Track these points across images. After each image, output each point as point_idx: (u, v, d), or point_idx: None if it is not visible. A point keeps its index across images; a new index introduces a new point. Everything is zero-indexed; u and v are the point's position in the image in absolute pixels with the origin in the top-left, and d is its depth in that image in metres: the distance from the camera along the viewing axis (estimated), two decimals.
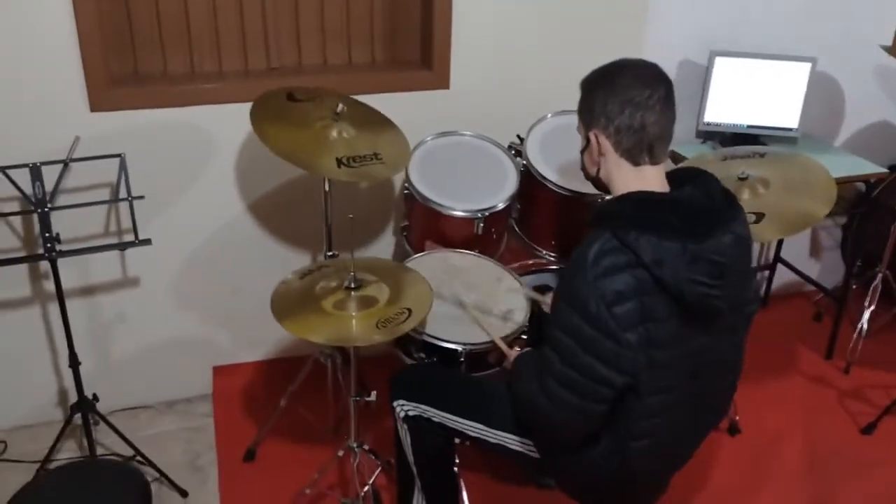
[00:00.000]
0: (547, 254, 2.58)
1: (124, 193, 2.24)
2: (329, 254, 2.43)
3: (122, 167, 2.21)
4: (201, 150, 2.59)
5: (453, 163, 2.55)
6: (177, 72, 2.58)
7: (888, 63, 3.20)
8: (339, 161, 2.12)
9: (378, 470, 2.39)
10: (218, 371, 2.94)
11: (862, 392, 3.05)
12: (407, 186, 2.47)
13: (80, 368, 2.39)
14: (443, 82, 2.74)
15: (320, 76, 2.66)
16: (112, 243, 2.18)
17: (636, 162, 1.64)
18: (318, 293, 1.98)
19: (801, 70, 2.88)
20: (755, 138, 2.97)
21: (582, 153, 1.74)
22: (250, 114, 2.15)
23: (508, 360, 2.05)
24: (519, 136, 2.63)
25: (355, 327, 1.91)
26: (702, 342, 1.62)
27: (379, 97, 2.62)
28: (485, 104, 2.79)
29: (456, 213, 2.40)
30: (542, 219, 2.58)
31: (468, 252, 2.44)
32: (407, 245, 2.59)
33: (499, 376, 2.16)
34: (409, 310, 1.93)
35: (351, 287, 1.97)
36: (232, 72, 2.62)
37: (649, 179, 1.65)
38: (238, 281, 2.80)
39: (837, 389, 3.06)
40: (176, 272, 2.73)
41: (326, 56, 2.72)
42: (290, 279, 2.08)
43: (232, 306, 2.84)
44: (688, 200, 1.59)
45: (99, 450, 2.58)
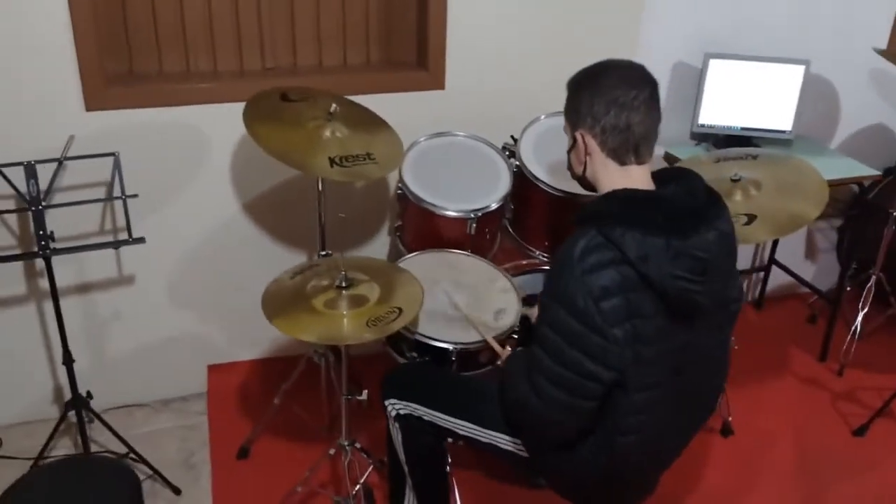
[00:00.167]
0: (540, 254, 2.59)
1: (118, 192, 2.25)
2: (322, 253, 2.44)
3: (117, 166, 2.22)
4: (196, 150, 2.61)
5: (447, 163, 2.56)
6: (172, 71, 2.59)
7: (883, 66, 3.21)
8: (332, 160, 2.14)
9: (370, 468, 2.40)
10: (213, 369, 2.95)
11: (855, 394, 3.05)
12: (400, 186, 2.48)
13: (76, 366, 2.40)
14: (438, 83, 2.75)
15: (315, 76, 2.68)
16: (106, 241, 2.19)
17: (622, 161, 1.66)
18: (310, 292, 1.99)
19: (795, 72, 2.89)
20: (749, 140, 2.99)
21: (568, 153, 1.76)
22: (243, 113, 2.16)
23: (501, 360, 2.07)
24: (513, 137, 2.65)
25: (346, 326, 1.92)
26: (687, 339, 1.63)
27: (374, 98, 2.64)
28: (480, 105, 2.80)
29: (449, 214, 2.41)
30: (536, 219, 2.60)
31: (461, 252, 2.45)
32: (400, 245, 2.60)
33: (490, 375, 2.17)
34: (400, 309, 1.94)
35: (342, 286, 1.98)
36: (227, 72, 2.64)
37: (635, 178, 1.66)
38: (233, 280, 2.81)
39: (830, 391, 3.07)
40: (171, 271, 2.74)
41: (322, 56, 2.73)
42: (282, 278, 2.09)
43: (227, 305, 2.85)
44: (672, 198, 1.60)
45: (93, 447, 2.59)
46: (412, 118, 2.68)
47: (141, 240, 2.23)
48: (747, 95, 2.94)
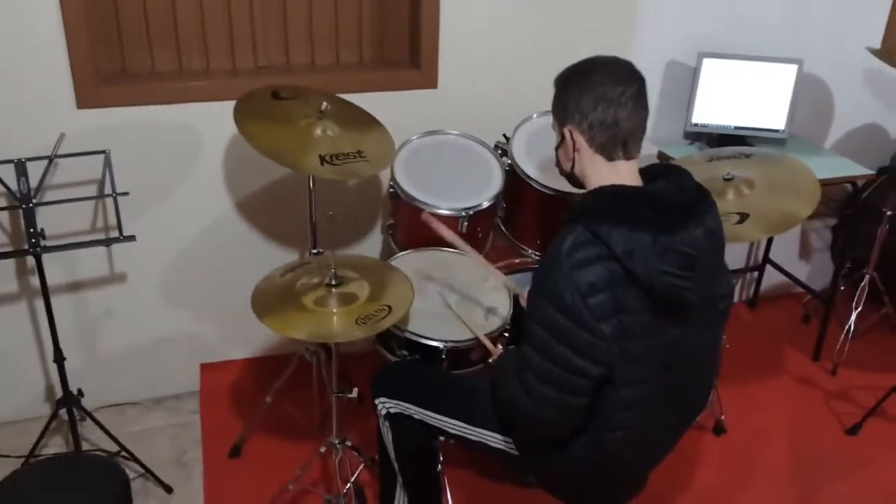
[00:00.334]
0: (533, 253, 2.59)
1: (110, 190, 2.25)
2: (314, 251, 2.44)
3: (107, 164, 2.22)
4: (189, 148, 2.61)
5: (438, 162, 2.56)
6: (164, 69, 2.59)
7: (877, 65, 3.21)
8: (323, 158, 2.13)
9: (361, 467, 2.40)
10: (206, 368, 2.95)
11: (848, 393, 3.05)
12: (392, 185, 2.48)
13: (68, 364, 2.40)
14: (430, 82, 2.75)
15: (308, 75, 2.68)
16: (96, 239, 2.19)
17: (610, 157, 1.66)
18: (299, 290, 1.99)
19: (788, 72, 2.89)
20: (742, 140, 2.98)
21: (557, 149, 1.76)
22: (234, 111, 2.16)
23: (493, 358, 2.07)
24: (505, 136, 2.65)
25: (336, 324, 1.92)
26: (675, 335, 1.62)
27: (367, 96, 2.64)
28: (472, 103, 2.80)
29: (440, 212, 2.41)
30: (528, 218, 2.60)
31: (453, 250, 2.45)
32: (392, 243, 2.60)
33: (481, 373, 2.17)
34: (389, 307, 1.94)
35: (332, 284, 1.98)
36: (219, 70, 2.64)
37: (623, 174, 1.66)
38: (226, 278, 2.81)
39: (824, 390, 3.07)
40: (163, 269, 2.74)
41: (315, 55, 2.73)
42: (272, 275, 2.09)
43: (219, 303, 2.85)
44: (660, 194, 1.60)
45: (85, 445, 2.60)
46: (405, 117, 2.69)
47: (131, 238, 2.22)
48: (741, 95, 2.94)
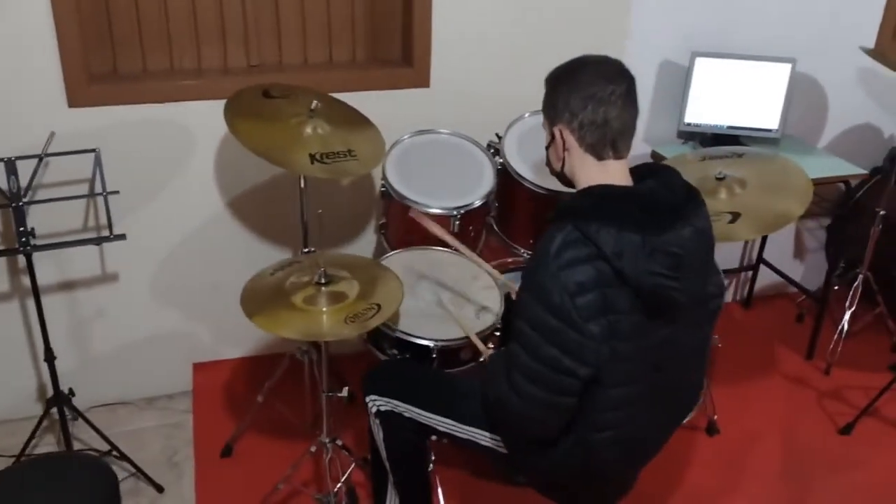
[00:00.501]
0: (525, 252, 2.59)
1: (100, 189, 2.25)
2: (305, 250, 2.44)
3: (98, 162, 2.22)
4: (181, 147, 2.60)
5: (430, 161, 2.56)
6: (156, 68, 2.58)
7: (871, 65, 3.21)
8: (313, 157, 2.13)
9: (352, 466, 2.40)
10: (198, 367, 2.94)
11: (841, 393, 3.05)
12: (384, 184, 2.48)
13: (60, 364, 2.39)
14: (423, 80, 2.75)
15: (301, 74, 2.67)
16: (86, 238, 2.19)
17: (600, 156, 1.65)
18: (289, 288, 1.99)
19: (782, 71, 2.89)
20: (736, 139, 2.98)
21: (547, 149, 1.76)
22: (224, 110, 2.16)
23: (484, 357, 2.06)
24: (498, 135, 2.64)
25: (325, 322, 1.92)
26: (665, 335, 1.62)
27: (359, 95, 2.64)
28: (465, 102, 2.80)
29: (432, 211, 2.40)
30: (521, 217, 2.59)
31: (444, 249, 2.45)
32: (385, 243, 2.60)
33: (472, 372, 2.17)
34: (379, 305, 1.94)
35: (321, 283, 1.97)
36: (211, 69, 2.63)
37: (613, 174, 1.66)
38: (218, 277, 2.80)
39: (817, 390, 3.07)
40: (156, 268, 2.73)
41: (307, 54, 2.72)
42: (262, 274, 2.08)
43: (212, 303, 2.84)
44: (649, 194, 1.60)
45: (77, 445, 2.60)
46: (397, 115, 2.68)
47: (122, 236, 2.22)
48: (734, 94, 2.93)
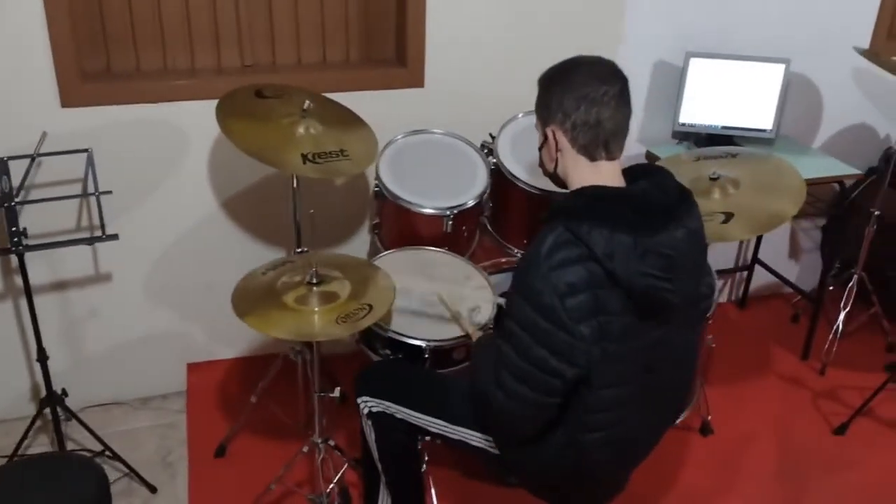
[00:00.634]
0: (519, 252, 2.58)
1: (93, 189, 2.24)
2: (298, 250, 2.43)
3: (90, 162, 2.21)
4: (174, 147, 2.60)
5: (424, 161, 2.56)
6: (149, 68, 2.58)
7: (866, 66, 3.21)
8: (305, 157, 2.13)
9: (345, 466, 2.39)
10: (193, 368, 2.94)
11: (836, 393, 3.05)
12: (377, 184, 2.48)
13: (54, 364, 2.39)
14: (417, 80, 2.75)
15: (294, 74, 2.67)
16: (78, 238, 2.18)
17: (592, 157, 1.65)
18: (280, 288, 1.99)
19: (776, 71, 2.88)
20: (730, 139, 2.98)
21: (540, 149, 1.75)
22: (216, 109, 2.16)
23: (472, 338, 2.06)
24: (491, 135, 2.64)
25: (317, 322, 1.91)
26: (657, 336, 1.62)
27: (353, 95, 2.63)
28: (459, 102, 2.80)
29: (425, 211, 2.40)
30: (514, 217, 2.59)
31: (437, 249, 2.45)
32: (378, 243, 2.60)
33: (464, 373, 2.17)
34: (370, 305, 1.94)
35: (312, 282, 1.97)
36: (205, 69, 2.63)
37: (605, 175, 1.65)
38: (212, 277, 2.80)
39: (811, 390, 3.06)
40: (149, 268, 2.73)
41: (301, 54, 2.72)
42: (254, 273, 2.08)
43: (207, 303, 2.84)
44: (641, 195, 1.60)
45: (70, 445, 2.59)
46: (392, 116, 2.68)
47: (114, 236, 2.21)
48: (728, 94, 2.93)
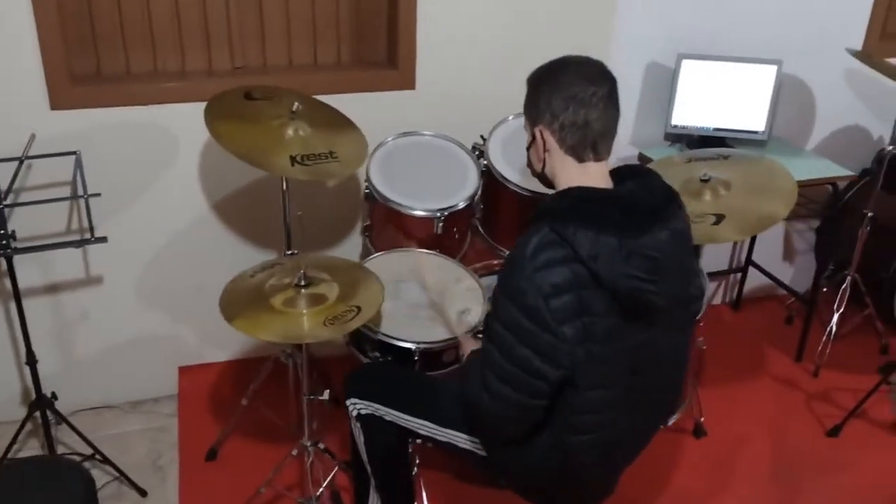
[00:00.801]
0: None
1: (82, 191, 2.24)
2: (289, 252, 2.43)
3: (78, 165, 2.21)
4: (165, 149, 2.59)
5: (414, 163, 2.55)
6: (139, 70, 2.58)
7: (860, 67, 3.20)
8: (294, 159, 2.12)
9: (335, 469, 2.38)
10: (184, 371, 2.93)
11: (830, 394, 3.04)
12: (367, 186, 2.47)
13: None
14: (408, 82, 2.74)
15: (285, 76, 2.67)
16: (67, 241, 2.18)
17: (580, 158, 1.65)
18: (268, 291, 1.98)
19: (768, 73, 2.88)
20: (722, 141, 2.98)
21: (528, 149, 1.75)
22: (205, 111, 2.15)
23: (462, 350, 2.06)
24: (483, 137, 2.64)
25: (305, 325, 1.91)
26: (642, 338, 1.61)
27: (344, 97, 2.63)
28: (450, 104, 2.79)
29: (415, 213, 2.40)
30: (506, 219, 2.59)
31: (428, 251, 2.44)
32: (369, 245, 2.59)
33: (454, 375, 2.16)
34: (359, 307, 1.93)
35: (301, 285, 1.97)
36: (195, 71, 2.62)
37: (593, 176, 1.65)
38: (204, 280, 2.79)
39: (805, 392, 3.06)
40: (140, 271, 2.72)
41: (292, 56, 2.72)
42: (243, 276, 2.08)
43: (198, 306, 2.83)
44: (627, 196, 1.59)
45: (61, 449, 2.58)
46: (383, 117, 2.68)
47: (103, 239, 2.20)
48: (720, 96, 2.93)
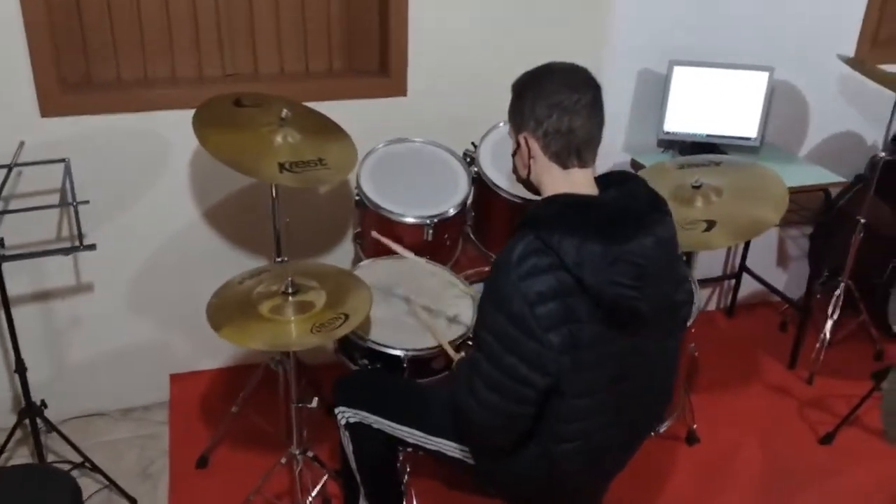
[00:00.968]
0: None
1: (71, 199, 2.23)
2: (279, 259, 2.42)
3: (67, 172, 2.20)
4: (156, 156, 2.59)
5: (405, 170, 2.55)
6: (130, 77, 2.58)
7: (853, 73, 3.21)
8: (282, 166, 2.12)
9: (325, 478, 2.37)
10: (175, 378, 2.93)
11: (823, 402, 3.03)
12: (358, 193, 2.47)
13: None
14: (400, 89, 2.74)
15: (277, 83, 2.67)
16: (55, 248, 2.17)
17: (565, 165, 1.64)
18: (256, 298, 1.98)
19: (759, 79, 2.88)
20: (715, 147, 2.97)
21: (513, 156, 1.75)
22: (193, 118, 2.15)
23: (454, 363, 2.05)
24: (474, 144, 2.64)
25: (293, 332, 1.90)
26: (629, 345, 1.61)
27: (336, 104, 2.63)
28: (442, 111, 2.79)
29: (405, 220, 2.40)
30: (497, 226, 2.58)
31: (418, 258, 2.43)
32: (360, 252, 2.59)
33: (443, 382, 2.16)
34: (346, 315, 1.92)
35: (288, 292, 1.96)
36: (186, 78, 2.63)
37: (578, 182, 1.64)
38: (195, 287, 2.77)
39: (799, 399, 3.05)
40: (131, 278, 2.72)
41: (283, 63, 2.72)
42: (230, 283, 2.07)
43: (189, 313, 2.82)
44: (612, 203, 1.59)
45: (51, 457, 2.58)
46: (374, 125, 2.68)
47: (91, 247, 2.20)
48: (712, 102, 2.93)
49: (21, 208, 2.25)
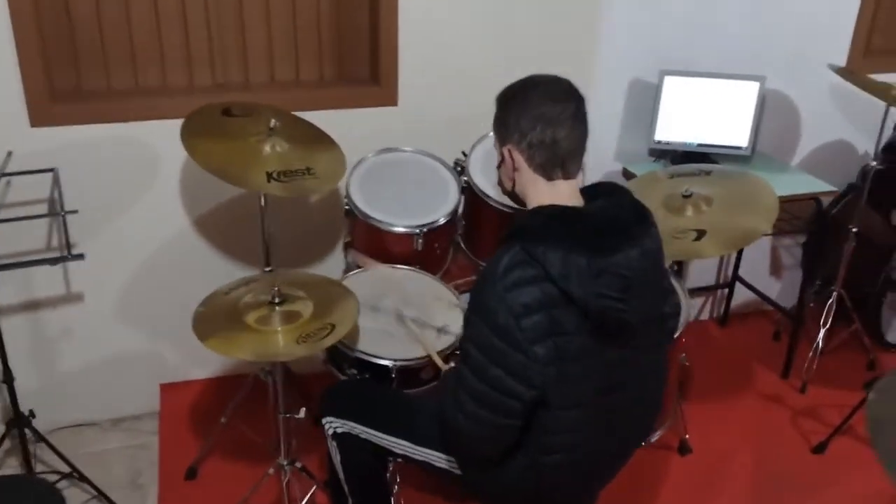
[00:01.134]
0: None
1: (59, 208, 2.23)
2: (267, 269, 2.42)
3: (56, 182, 2.20)
4: (146, 166, 2.59)
5: (395, 179, 2.55)
6: (120, 87, 2.58)
7: (844, 82, 3.21)
8: (270, 175, 2.12)
9: (314, 489, 2.36)
10: (166, 388, 2.92)
11: (816, 411, 3.03)
12: (348, 203, 2.47)
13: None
14: (391, 99, 2.74)
15: (267, 92, 2.67)
16: (43, 258, 2.17)
17: (549, 177, 1.64)
18: (242, 308, 1.97)
19: (750, 89, 2.88)
20: (706, 157, 2.97)
21: (498, 168, 1.75)
22: (182, 128, 2.15)
23: (444, 373, 2.04)
24: (464, 153, 2.64)
25: (279, 343, 1.90)
26: (616, 356, 1.60)
27: (327, 114, 2.63)
28: (433, 121, 2.79)
29: (395, 230, 2.39)
30: (487, 235, 2.58)
31: (407, 267, 2.43)
32: (350, 261, 2.58)
33: (431, 393, 2.15)
34: (333, 325, 1.92)
35: (275, 302, 1.96)
36: (177, 88, 2.62)
37: (563, 194, 1.64)
38: (185, 297, 2.76)
39: (791, 408, 3.04)
40: (121, 288, 2.71)
41: (274, 72, 2.72)
42: (217, 293, 2.07)
43: (179, 322, 2.79)
44: (597, 214, 1.59)
45: (40, 467, 2.56)
46: (365, 134, 2.68)
47: (80, 256, 2.19)
48: (703, 112, 2.93)
49: (9, 218, 2.24)
